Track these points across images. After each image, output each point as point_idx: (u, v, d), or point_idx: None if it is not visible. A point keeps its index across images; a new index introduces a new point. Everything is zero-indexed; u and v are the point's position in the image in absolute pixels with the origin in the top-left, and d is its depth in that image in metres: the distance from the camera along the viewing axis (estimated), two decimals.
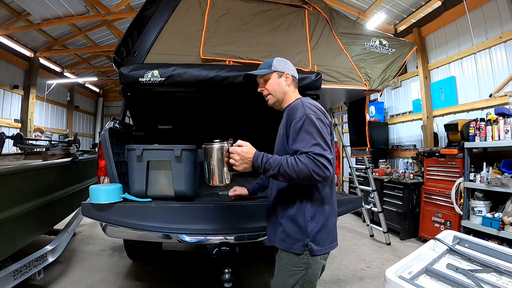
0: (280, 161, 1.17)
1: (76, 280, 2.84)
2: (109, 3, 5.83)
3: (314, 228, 1.26)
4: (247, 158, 1.22)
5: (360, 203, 2.14)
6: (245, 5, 2.59)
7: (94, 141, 10.27)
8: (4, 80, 6.47)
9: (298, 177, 1.15)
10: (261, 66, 1.50)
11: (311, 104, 1.30)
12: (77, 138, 4.88)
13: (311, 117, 1.22)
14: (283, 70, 1.44)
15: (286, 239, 1.29)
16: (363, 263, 3.41)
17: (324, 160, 1.15)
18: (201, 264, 3.33)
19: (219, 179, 1.31)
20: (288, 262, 1.28)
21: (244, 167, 1.23)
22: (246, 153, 1.22)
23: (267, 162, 1.19)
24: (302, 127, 1.21)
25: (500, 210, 3.05)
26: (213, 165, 1.31)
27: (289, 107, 1.36)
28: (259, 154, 1.22)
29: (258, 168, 1.20)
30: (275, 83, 1.43)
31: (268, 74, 1.43)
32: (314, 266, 1.28)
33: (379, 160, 5.45)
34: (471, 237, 1.59)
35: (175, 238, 1.91)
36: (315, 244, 1.25)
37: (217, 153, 1.30)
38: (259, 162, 1.20)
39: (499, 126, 3.08)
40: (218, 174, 1.31)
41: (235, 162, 1.22)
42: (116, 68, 2.32)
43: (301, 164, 1.14)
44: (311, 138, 1.18)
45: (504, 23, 3.63)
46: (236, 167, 1.23)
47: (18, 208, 2.22)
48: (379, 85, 2.78)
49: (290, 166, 1.15)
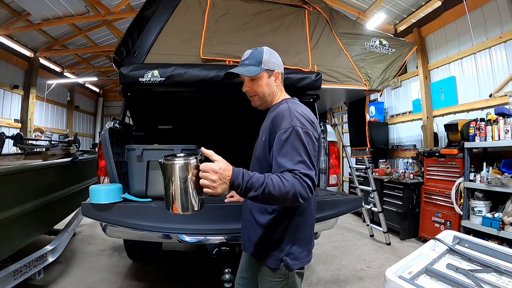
0: (265, 181, 0.97)
1: (76, 280, 2.84)
2: (109, 3, 5.83)
3: (289, 241, 1.18)
4: (225, 177, 0.95)
5: (360, 203, 2.14)
6: (245, 5, 2.59)
7: (94, 141, 10.27)
8: (4, 80, 6.48)
9: (283, 199, 0.98)
10: (247, 58, 1.26)
11: (299, 114, 1.15)
12: (77, 138, 4.88)
13: (298, 130, 1.09)
14: (273, 68, 1.26)
15: (260, 251, 1.22)
16: (363, 263, 3.41)
17: (310, 181, 1.01)
18: (201, 264, 3.33)
19: (183, 206, 0.99)
20: (266, 275, 1.21)
21: (222, 189, 0.95)
22: (224, 170, 0.95)
23: (249, 181, 0.96)
24: (287, 140, 1.07)
25: (500, 210, 3.05)
26: (174, 188, 0.98)
27: (274, 113, 1.19)
28: (239, 171, 0.97)
29: (238, 188, 0.96)
30: (264, 84, 1.26)
31: (256, 74, 1.23)
32: (293, 277, 1.21)
33: (379, 160, 5.45)
34: (471, 237, 1.59)
35: (175, 238, 1.91)
36: (291, 259, 1.17)
37: (180, 172, 0.97)
38: (239, 181, 0.96)
39: (499, 126, 3.08)
40: (183, 199, 0.98)
41: (210, 183, 0.94)
42: (116, 68, 2.32)
43: (288, 185, 0.98)
44: (296, 154, 1.05)
45: (504, 23, 3.63)
46: (212, 190, 0.94)
47: (18, 208, 2.22)
48: (379, 85, 2.78)
49: (276, 187, 0.96)
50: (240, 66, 1.27)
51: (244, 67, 1.25)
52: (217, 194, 0.97)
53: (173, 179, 0.98)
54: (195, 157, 0.99)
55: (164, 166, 1.00)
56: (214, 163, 0.96)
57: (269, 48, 1.31)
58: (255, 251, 1.25)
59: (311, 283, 2.87)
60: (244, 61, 1.26)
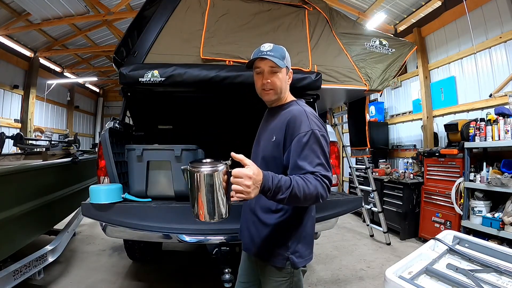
0: (291, 184, 0.98)
1: (76, 280, 2.84)
2: (109, 3, 5.83)
3: (295, 239, 1.19)
4: (258, 182, 0.94)
5: (360, 203, 2.14)
6: (245, 5, 2.59)
7: (94, 141, 10.27)
8: (4, 80, 6.47)
9: (305, 200, 1.01)
10: (271, 50, 1.23)
11: (314, 116, 1.20)
12: (77, 138, 4.88)
13: (316, 133, 1.12)
14: (289, 66, 1.31)
15: (265, 251, 1.22)
16: (363, 263, 3.41)
17: (329, 182, 1.06)
18: (201, 264, 3.33)
19: (211, 213, 0.97)
20: (271, 275, 1.22)
21: (255, 193, 0.94)
22: (257, 175, 0.94)
23: (278, 184, 0.97)
24: (307, 144, 1.10)
25: (500, 210, 3.05)
26: (202, 196, 0.95)
27: (289, 115, 1.20)
28: (268, 174, 0.98)
29: (268, 191, 0.96)
30: (283, 80, 1.26)
31: (281, 68, 1.23)
32: (298, 275, 1.23)
33: (379, 160, 5.45)
34: (471, 237, 1.59)
35: (175, 238, 1.91)
36: (296, 257, 1.19)
37: (209, 179, 0.94)
38: (269, 184, 0.96)
39: (499, 126, 3.08)
40: (210, 207, 0.96)
41: (245, 189, 0.92)
42: (116, 68, 2.32)
43: (311, 187, 1.01)
44: (315, 157, 1.09)
45: (504, 23, 3.63)
46: (246, 195, 0.92)
47: (18, 208, 2.22)
48: (379, 85, 2.78)
49: (301, 189, 0.99)
50: (266, 55, 1.21)
51: (274, 58, 1.21)
52: (250, 199, 0.96)
53: (201, 187, 0.95)
54: (224, 163, 0.97)
55: (192, 174, 0.96)
56: (246, 168, 0.94)
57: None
58: (259, 251, 1.25)
59: (311, 283, 2.87)
60: (268, 52, 1.22)
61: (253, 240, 1.27)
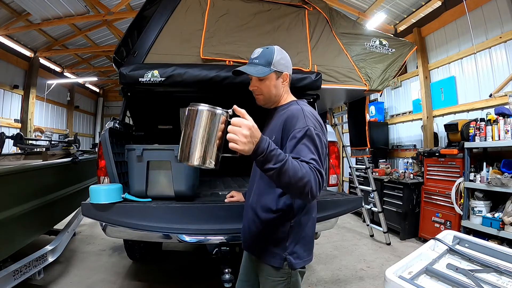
0: (286, 159, 0.94)
1: (76, 280, 2.84)
2: (109, 3, 5.84)
3: (293, 240, 1.19)
4: (255, 137, 0.91)
5: (360, 203, 2.14)
6: (245, 5, 2.59)
7: (94, 141, 10.27)
8: (4, 80, 6.48)
9: (295, 183, 0.95)
10: (257, 57, 1.23)
11: (312, 115, 1.18)
12: (77, 138, 4.88)
13: (312, 130, 1.11)
14: (282, 69, 1.25)
15: (263, 250, 1.22)
16: (363, 263, 3.41)
17: (321, 178, 1.01)
18: (201, 264, 3.33)
19: (201, 158, 0.92)
20: (269, 275, 1.22)
21: (249, 148, 0.90)
22: (256, 130, 0.91)
23: (273, 151, 0.92)
24: (302, 138, 1.09)
25: (500, 210, 3.05)
26: (196, 137, 0.91)
27: (287, 113, 1.20)
28: (266, 138, 0.95)
29: (261, 154, 0.92)
30: (272, 85, 1.24)
31: (265, 75, 1.21)
32: (296, 276, 1.22)
33: (379, 160, 5.45)
34: (471, 237, 1.58)
35: (175, 238, 1.90)
36: (294, 258, 1.19)
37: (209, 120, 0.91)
38: (264, 146, 0.92)
39: (499, 126, 3.08)
40: (202, 151, 0.92)
41: (241, 138, 0.88)
42: (116, 68, 2.32)
43: (305, 171, 0.96)
44: (309, 152, 1.06)
45: (504, 23, 3.63)
46: (240, 146, 0.89)
47: (18, 208, 2.22)
48: (379, 85, 2.78)
49: (294, 168, 0.94)
50: (250, 65, 1.24)
51: (253, 66, 1.22)
52: (242, 153, 0.92)
53: (197, 127, 0.91)
54: (225, 111, 0.95)
55: (191, 112, 0.93)
56: (247, 119, 0.93)
57: (281, 49, 1.29)
58: (257, 250, 1.26)
59: (311, 283, 2.87)
60: (254, 60, 1.23)
61: (253, 239, 1.28)
